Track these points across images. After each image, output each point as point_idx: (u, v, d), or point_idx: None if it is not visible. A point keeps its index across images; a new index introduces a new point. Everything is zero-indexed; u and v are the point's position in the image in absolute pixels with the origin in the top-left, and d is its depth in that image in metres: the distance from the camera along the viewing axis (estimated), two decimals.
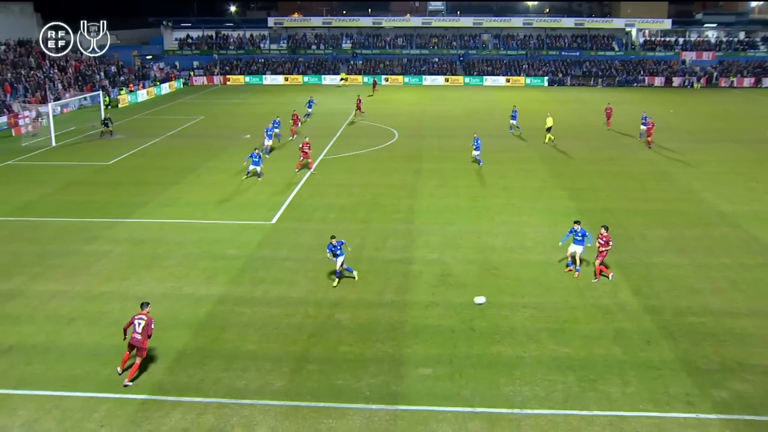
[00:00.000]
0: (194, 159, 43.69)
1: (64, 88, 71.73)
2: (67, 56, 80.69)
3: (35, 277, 24.36)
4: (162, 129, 56.25)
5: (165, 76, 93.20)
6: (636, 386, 17.28)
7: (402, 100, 76.98)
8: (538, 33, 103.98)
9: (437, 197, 34.71)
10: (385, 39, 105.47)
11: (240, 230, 29.49)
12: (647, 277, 24.35)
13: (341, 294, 22.85)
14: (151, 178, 38.71)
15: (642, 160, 43.76)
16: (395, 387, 17.24)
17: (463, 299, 22.40)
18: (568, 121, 60.02)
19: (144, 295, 22.51)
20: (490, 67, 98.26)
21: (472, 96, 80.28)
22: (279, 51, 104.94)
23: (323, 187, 36.44)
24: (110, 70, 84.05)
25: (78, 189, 36.62)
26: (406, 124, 58.10)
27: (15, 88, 65.85)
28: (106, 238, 28.53)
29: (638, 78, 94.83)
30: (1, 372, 17.94)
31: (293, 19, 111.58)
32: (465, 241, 28.12)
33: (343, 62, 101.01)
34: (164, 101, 77.63)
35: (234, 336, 19.93)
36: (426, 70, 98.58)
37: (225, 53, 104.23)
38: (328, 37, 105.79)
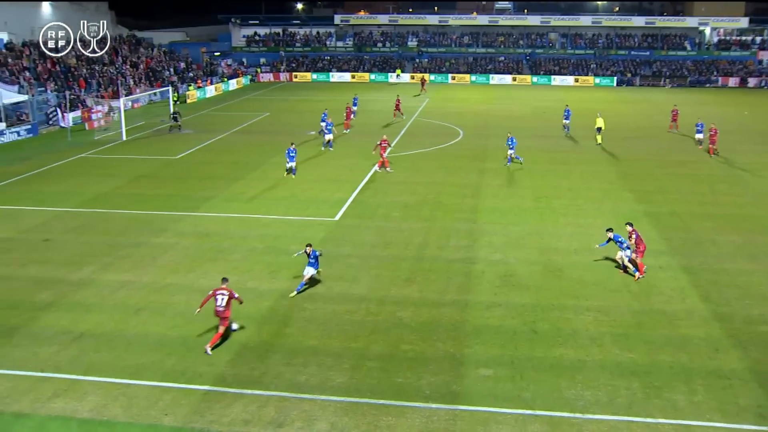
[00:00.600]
0: (259, 155, 44.30)
1: (135, 84, 73.52)
2: (138, 53, 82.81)
3: (105, 267, 25.06)
4: (228, 125, 57.20)
5: (232, 73, 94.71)
6: (703, 395, 16.83)
7: (467, 99, 76.64)
8: (607, 32, 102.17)
9: (501, 197, 34.46)
10: (451, 37, 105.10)
11: (304, 226, 29.79)
12: (717, 284, 23.72)
13: (403, 292, 22.88)
14: (217, 173, 39.41)
15: (712, 162, 42.63)
16: (455, 387, 17.18)
17: (525, 300, 22.18)
18: (637, 122, 58.91)
19: (208, 288, 22.89)
20: (557, 67, 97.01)
21: (539, 95, 79.43)
22: (345, 48, 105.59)
23: (387, 185, 36.54)
24: (179, 66, 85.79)
25: (146, 182, 37.53)
26: (472, 123, 57.82)
27: (89, 83, 67.82)
28: (173, 230, 29.16)
29: (711, 78, 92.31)
30: (72, 358, 18.52)
31: (359, 17, 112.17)
32: (528, 241, 27.86)
33: (409, 60, 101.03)
34: (231, 97, 78.92)
35: (296, 331, 20.14)
36: (492, 68, 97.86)
37: (291, 50, 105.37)
38: (394, 35, 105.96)
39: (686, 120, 56.50)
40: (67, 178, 38.70)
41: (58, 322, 20.68)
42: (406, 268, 24.93)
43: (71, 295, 22.60)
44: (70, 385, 17.19)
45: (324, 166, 40.97)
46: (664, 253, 26.57)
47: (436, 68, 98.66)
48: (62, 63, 68.73)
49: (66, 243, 27.75)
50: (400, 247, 27.20)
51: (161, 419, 15.79)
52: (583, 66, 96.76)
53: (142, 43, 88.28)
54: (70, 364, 18.17)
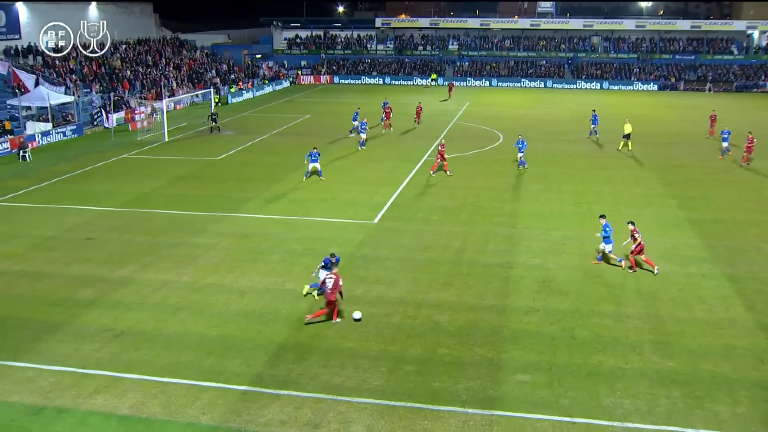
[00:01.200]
0: (299, 157, 44.38)
1: (178, 86, 74.48)
2: (181, 55, 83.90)
3: (146, 266, 25.41)
4: (269, 126, 57.68)
5: (273, 75, 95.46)
6: (747, 407, 16.49)
7: (508, 103, 76.27)
8: (651, 36, 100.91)
9: (541, 201, 34.21)
10: (492, 41, 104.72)
11: (342, 228, 29.89)
12: (762, 293, 23.23)
13: (441, 296, 22.82)
14: (257, 174, 39.73)
15: (757, 169, 41.79)
16: (492, 392, 17.08)
17: (564, 306, 21.98)
18: (680, 127, 58.05)
19: (247, 289, 23.22)
20: (599, 71, 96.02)
21: (580, 100, 78.67)
22: (386, 51, 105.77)
23: (426, 188, 36.51)
24: (221, 68, 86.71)
25: (187, 183, 37.98)
26: (511, 126, 57.44)
27: (133, 84, 68.92)
28: (213, 231, 29.46)
29: (758, 83, 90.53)
30: (112, 355, 18.80)
31: (400, 20, 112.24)
32: (568, 247, 27.60)
33: (449, 63, 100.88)
34: (272, 99, 79.55)
35: (333, 333, 20.19)
36: (533, 72, 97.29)
37: (332, 53, 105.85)
38: (435, 38, 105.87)
39: (734, 126, 55.53)
40: (110, 178, 39.35)
41: (99, 319, 21.02)
42: (444, 271, 24.87)
43: (112, 294, 22.96)
44: (111, 381, 17.44)
45: (363, 169, 41.08)
46: (708, 261, 26.13)
47: (477, 72, 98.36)
48: (107, 65, 69.98)
49: (108, 242, 28.20)
50: (439, 250, 27.14)
51: (199, 418, 15.95)
52: (626, 70, 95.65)
53: (185, 45, 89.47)
54: (111, 361, 18.45)
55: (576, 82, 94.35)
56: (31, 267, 25.42)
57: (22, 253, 26.91)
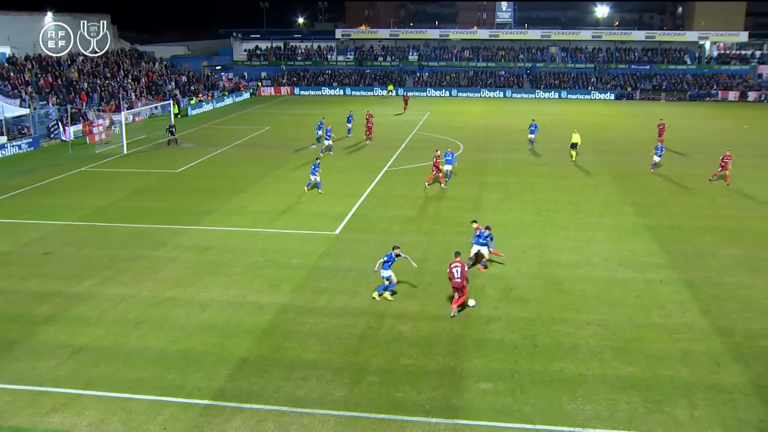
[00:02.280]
0: (260, 168, 44.36)
1: (137, 98, 73.74)
2: (140, 66, 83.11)
3: (105, 280, 25.04)
4: (229, 138, 57.32)
5: (233, 87, 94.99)
6: (704, 410, 16.78)
7: (468, 113, 76.82)
8: (608, 46, 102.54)
9: (502, 210, 34.47)
10: (451, 51, 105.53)
11: (304, 240, 29.79)
12: (718, 297, 23.68)
13: (403, 306, 22.85)
14: (217, 187, 39.45)
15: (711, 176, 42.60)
16: (455, 401, 17.13)
17: (525, 314, 22.16)
18: (637, 136, 58.95)
19: (208, 302, 23.02)
20: (557, 81, 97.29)
21: (539, 109, 79.48)
22: (346, 62, 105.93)
23: (387, 199, 36.57)
24: (181, 80, 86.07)
25: (147, 196, 37.56)
26: (472, 136, 57.92)
27: (90, 96, 68.04)
28: (173, 244, 29.15)
29: (711, 92, 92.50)
30: (71, 372, 18.48)
31: (361, 31, 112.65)
32: (529, 255, 27.84)
33: (410, 74, 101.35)
34: (232, 111, 79.12)
35: (295, 345, 20.10)
36: (492, 83, 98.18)
37: (293, 64, 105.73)
38: (395, 49, 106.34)
39: (686, 134, 56.70)
40: (68, 191, 38.74)
41: (57, 336, 20.65)
42: (407, 281, 24.87)
43: (71, 309, 22.58)
44: (69, 399, 17.14)
45: (324, 180, 40.93)
46: (665, 267, 26.55)
47: (437, 82, 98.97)
48: (64, 77, 69.06)
49: (66, 256, 27.75)
50: (401, 260, 27.11)
51: None
52: (583, 80, 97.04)
53: (144, 57, 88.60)
54: (69, 379, 18.14)
55: (535, 91, 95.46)
56: None
57: None
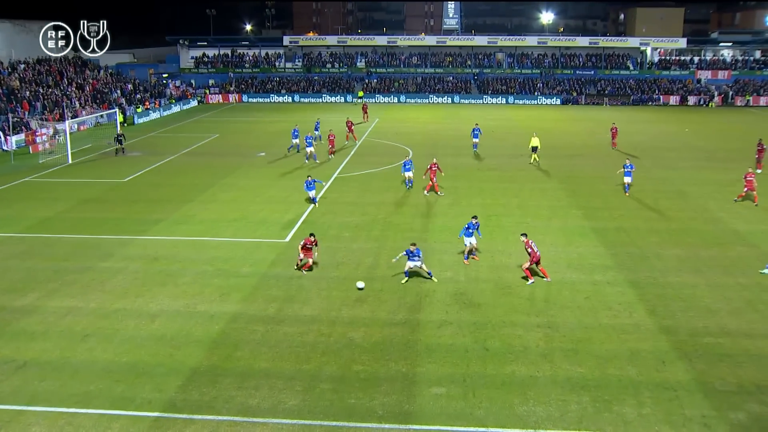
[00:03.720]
0: (209, 177, 43.90)
1: (81, 106, 72.37)
2: (84, 74, 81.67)
3: (50, 293, 24.50)
4: (177, 147, 56.62)
5: (181, 94, 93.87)
6: (651, 407, 17.11)
7: (416, 119, 77.16)
8: (553, 52, 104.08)
9: (451, 215, 34.67)
10: (399, 58, 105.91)
11: (254, 248, 29.57)
12: (662, 297, 24.18)
13: (354, 312, 22.83)
14: (165, 196, 38.92)
15: (656, 179, 43.56)
16: (408, 406, 17.17)
17: (476, 318, 22.33)
18: (583, 140, 59.97)
19: (158, 313, 22.71)
20: (504, 86, 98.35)
21: (487, 115, 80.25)
22: (294, 69, 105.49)
23: (337, 206, 36.51)
24: (127, 88, 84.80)
25: (93, 206, 36.87)
26: (421, 142, 58.19)
27: (33, 105, 66.56)
28: (121, 255, 28.66)
29: (653, 97, 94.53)
30: (15, 388, 18.02)
31: (309, 38, 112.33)
32: (479, 259, 28.06)
33: (358, 81, 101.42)
34: (180, 119, 78.19)
35: (247, 354, 19.94)
36: (440, 89, 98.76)
37: (240, 72, 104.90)
38: (343, 56, 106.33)
39: (631, 138, 57.82)
40: (11, 203, 37.78)
41: (0, 351, 20.12)
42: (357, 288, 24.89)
43: (14, 323, 22.03)
44: (14, 416, 16.73)
45: (274, 187, 40.81)
46: (612, 269, 27.01)
47: (386, 88, 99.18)
48: (5, 84, 67.44)
49: (9, 269, 27.06)
50: (351, 267, 27.17)
51: None
52: (529, 85, 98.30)
53: (88, 65, 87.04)
54: (13, 395, 17.70)
55: (482, 97, 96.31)
56: None
57: None
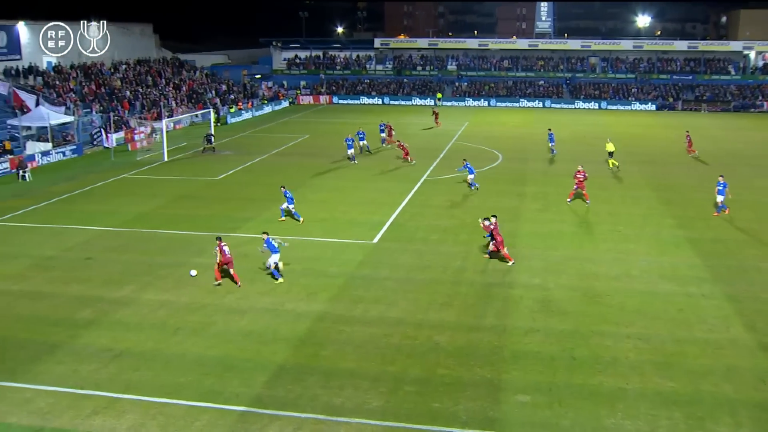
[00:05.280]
0: (299, 177, 44.61)
1: (177, 106, 74.67)
2: (181, 75, 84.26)
3: (145, 286, 25.39)
4: (268, 146, 57.77)
5: (273, 95, 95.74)
6: (749, 428, 16.44)
7: (506, 123, 76.49)
8: (649, 56, 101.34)
9: (540, 222, 34.24)
10: (490, 61, 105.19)
11: (342, 249, 29.90)
12: (763, 313, 23.21)
13: (441, 316, 22.80)
14: (256, 195, 39.77)
15: (756, 188, 41.86)
16: (492, 413, 17.03)
17: (564, 326, 21.96)
18: (679, 147, 58.06)
19: (247, 309, 23.23)
20: (597, 91, 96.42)
21: (579, 119, 78.90)
22: (384, 72, 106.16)
23: (425, 208, 36.54)
24: (221, 88, 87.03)
25: (187, 203, 38.00)
26: (511, 146, 57.65)
27: (133, 104, 69.14)
28: (212, 251, 29.37)
29: (756, 103, 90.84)
30: (111, 376, 18.76)
31: (399, 41, 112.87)
32: (568, 267, 27.60)
33: (448, 84, 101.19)
34: (271, 119, 79.74)
35: (332, 353, 20.16)
36: (531, 93, 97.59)
37: (332, 73, 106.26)
38: (434, 59, 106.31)
39: (728, 146, 55.74)
40: (110, 197, 39.37)
41: (98, 339, 20.99)
42: (444, 292, 24.87)
43: (112, 314, 22.93)
44: (110, 402, 17.39)
45: (362, 189, 41.15)
46: (707, 281, 26.12)
47: (476, 92, 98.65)
48: (107, 85, 70.24)
49: (107, 262, 28.20)
50: (438, 270, 27.15)
51: None
52: (623, 90, 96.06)
53: (185, 66, 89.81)
54: (110, 382, 18.41)
55: (574, 102, 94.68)
56: (30, 287, 25.42)
57: (22, 273, 26.91)
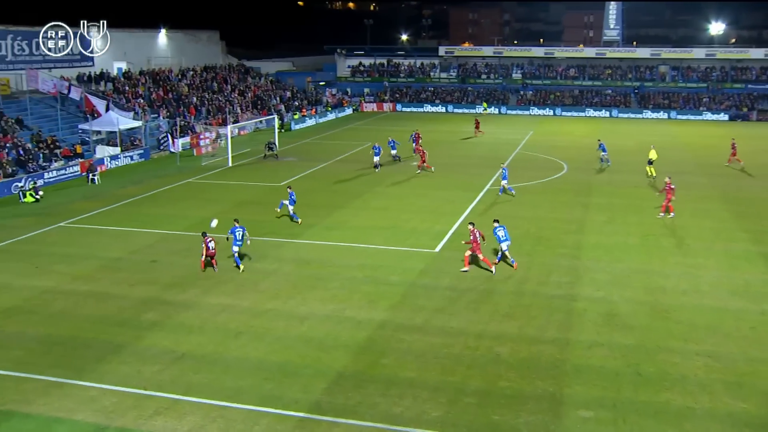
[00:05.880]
0: (361, 184, 44.84)
1: (242, 112, 75.91)
2: (246, 81, 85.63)
3: (207, 290, 25.82)
4: (331, 153, 58.20)
5: (336, 102, 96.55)
6: None
7: (572, 133, 75.49)
8: (722, 64, 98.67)
9: (606, 233, 33.67)
10: (556, 69, 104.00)
11: (403, 257, 29.91)
12: None
13: (502, 327, 22.58)
14: (318, 201, 40.10)
15: None
16: (554, 427, 16.78)
17: (629, 341, 21.50)
18: (755, 159, 56.35)
19: (307, 315, 23.41)
20: (666, 101, 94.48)
21: (647, 130, 77.35)
22: (449, 80, 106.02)
23: (488, 218, 36.25)
24: (285, 95, 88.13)
25: (249, 208, 38.52)
26: (576, 156, 56.85)
27: (199, 110, 70.58)
28: (274, 257, 29.78)
29: None
30: (173, 378, 19.11)
31: (464, 48, 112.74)
32: (634, 280, 27.04)
33: (513, 92, 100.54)
34: (335, 126, 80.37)
35: (392, 362, 20.15)
36: (598, 102, 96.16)
37: (395, 81, 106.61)
38: (499, 67, 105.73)
39: None
40: (175, 201, 40.23)
41: (161, 341, 21.43)
42: (506, 303, 24.65)
43: (175, 316, 23.39)
44: (171, 404, 17.71)
45: (424, 198, 41.12)
46: None
47: (541, 101, 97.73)
48: (174, 90, 71.84)
49: (171, 265, 28.79)
50: (500, 280, 26.93)
51: None
52: (694, 100, 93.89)
53: (250, 72, 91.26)
54: (172, 384, 18.75)
55: (642, 111, 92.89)
56: (98, 288, 26.13)
57: (90, 273, 27.69)
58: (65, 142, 53.27)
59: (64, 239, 33.06)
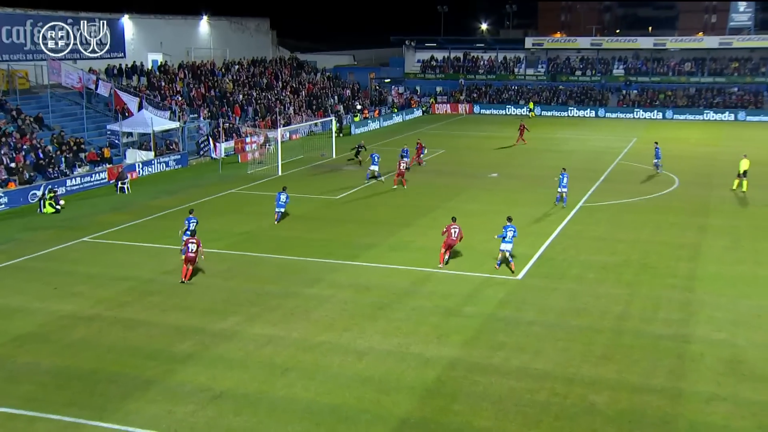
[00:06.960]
0: (431, 198, 44.81)
1: (295, 113, 76.55)
2: (300, 77, 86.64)
3: (251, 318, 26.04)
4: (396, 161, 58.21)
5: (404, 102, 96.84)
6: None
7: (686, 140, 74.18)
8: None
9: (728, 262, 32.89)
10: (668, 64, 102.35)
11: (480, 284, 29.73)
12: None
13: (598, 371, 22.20)
14: (380, 217, 40.22)
15: None
16: None
17: (761, 396, 20.80)
18: None
19: (366, 351, 23.39)
20: None
21: None
22: (536, 77, 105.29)
23: (581, 240, 35.88)
24: (344, 93, 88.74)
25: (301, 224, 38.82)
26: (691, 169, 55.88)
27: (245, 110, 71.38)
28: (329, 281, 29.91)
29: None
30: (209, 420, 19.23)
31: (555, 40, 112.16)
32: (765, 320, 26.28)
33: (614, 91, 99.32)
34: (401, 130, 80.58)
35: (466, 408, 19.97)
36: (720, 103, 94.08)
37: (473, 78, 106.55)
38: (597, 62, 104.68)
39: None
40: (215, 215, 40.70)
41: (196, 377, 21.62)
42: (602, 342, 24.24)
43: (213, 348, 23.62)
44: None
45: (505, 214, 40.74)
46: None
47: (648, 102, 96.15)
48: (217, 87, 72.93)
49: (210, 288, 29.16)
50: (596, 316, 26.52)
51: None
52: None
53: (305, 67, 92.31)
54: (207, 427, 18.87)
55: None
56: (125, 313, 26.56)
57: (116, 297, 28.19)
58: (91, 144, 54.52)
59: (87, 256, 33.83)
